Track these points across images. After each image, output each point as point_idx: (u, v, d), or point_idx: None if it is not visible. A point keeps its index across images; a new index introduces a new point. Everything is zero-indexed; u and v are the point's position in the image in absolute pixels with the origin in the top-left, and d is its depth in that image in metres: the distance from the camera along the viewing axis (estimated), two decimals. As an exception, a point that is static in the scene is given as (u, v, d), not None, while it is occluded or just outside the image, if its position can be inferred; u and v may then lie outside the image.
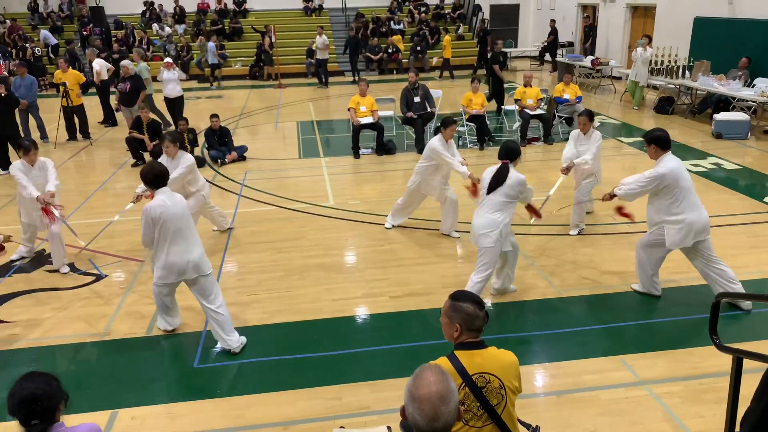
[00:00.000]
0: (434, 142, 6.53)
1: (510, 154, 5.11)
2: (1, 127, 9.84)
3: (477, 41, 20.67)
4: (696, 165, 9.38)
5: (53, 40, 20.29)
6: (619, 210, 5.66)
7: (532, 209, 5.72)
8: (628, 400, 4.15)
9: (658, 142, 5.08)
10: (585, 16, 19.93)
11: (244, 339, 4.91)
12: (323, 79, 18.73)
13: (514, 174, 5.03)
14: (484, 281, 5.21)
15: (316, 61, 18.92)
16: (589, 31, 19.67)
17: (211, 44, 18.99)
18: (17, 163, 6.18)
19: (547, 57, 20.83)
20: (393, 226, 7.24)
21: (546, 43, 20.64)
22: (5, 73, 15.06)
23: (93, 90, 13.44)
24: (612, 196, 5.44)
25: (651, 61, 13.49)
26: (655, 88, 14.69)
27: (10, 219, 7.62)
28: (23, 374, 2.45)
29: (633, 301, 5.49)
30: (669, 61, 13.58)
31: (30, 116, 11.78)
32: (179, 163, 6.31)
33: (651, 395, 4.18)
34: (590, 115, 6.84)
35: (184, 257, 4.60)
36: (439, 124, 6.80)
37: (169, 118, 12.44)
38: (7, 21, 20.99)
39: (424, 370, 2.02)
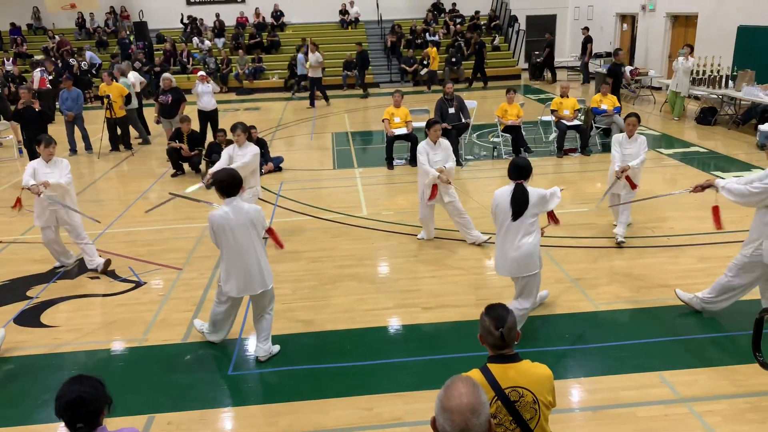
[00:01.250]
0: (420, 144, 6.80)
1: (523, 173, 4.67)
2: (33, 139, 10.16)
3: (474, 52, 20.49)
4: (741, 177, 9.09)
5: (97, 60, 20.98)
6: (716, 213, 5.09)
7: (552, 216, 5.13)
8: (667, 417, 4.04)
9: None
10: (583, 27, 19.73)
11: (275, 349, 4.94)
12: (313, 100, 17.26)
13: (533, 192, 4.66)
14: (533, 305, 5.07)
15: (309, 80, 17.33)
16: (586, 43, 19.52)
17: (300, 56, 19.40)
18: (34, 161, 6.36)
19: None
20: (424, 238, 7.21)
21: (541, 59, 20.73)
22: (49, 86, 15.60)
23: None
24: (705, 187, 4.87)
25: (693, 70, 13.20)
26: (696, 98, 14.35)
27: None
28: (71, 377, 2.50)
29: (672, 315, 5.34)
30: (711, 71, 13.26)
31: (76, 127, 12.21)
32: (246, 152, 6.72)
33: (692, 413, 4.06)
34: (638, 116, 6.75)
35: (245, 271, 4.58)
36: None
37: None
38: (56, 37, 21.82)
39: (455, 381, 2.00)
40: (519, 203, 4.62)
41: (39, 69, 15.98)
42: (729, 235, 6.49)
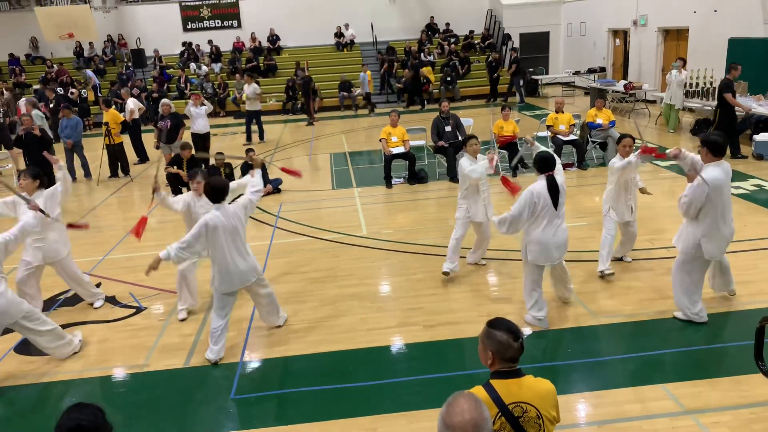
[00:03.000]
0: (462, 161, 6.48)
1: (551, 164, 5.19)
2: (36, 165, 10.25)
3: (508, 70, 20.76)
4: (737, 187, 9.13)
5: (96, 81, 21.20)
6: None
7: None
8: (673, 430, 4.01)
9: (709, 146, 4.95)
10: (511, 48, 20.00)
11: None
12: (261, 134, 15.74)
13: (560, 180, 5.18)
14: None
15: (247, 114, 15.50)
16: (496, 66, 19.87)
17: (363, 75, 19.64)
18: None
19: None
20: (451, 270, 6.57)
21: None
22: (22, 113, 15.68)
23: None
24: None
25: (686, 83, 13.32)
26: (690, 110, 14.45)
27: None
28: (71, 405, 2.49)
29: (674, 327, 5.33)
30: (704, 83, 13.38)
31: (75, 155, 12.26)
32: (204, 204, 5.90)
33: (698, 425, 4.03)
34: (633, 138, 6.64)
35: (239, 265, 5.06)
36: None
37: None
38: (55, 66, 22.01)
39: (457, 397, 2.00)
40: (557, 192, 5.11)
41: (23, 99, 16.10)
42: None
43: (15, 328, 5.10)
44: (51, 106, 16.59)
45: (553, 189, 5.10)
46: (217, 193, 5.01)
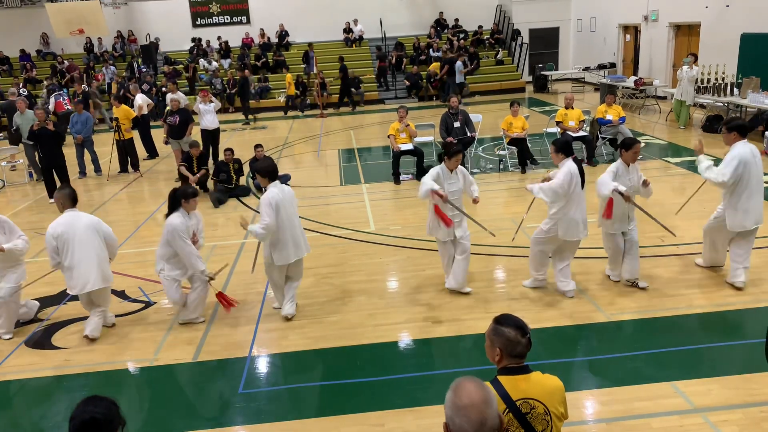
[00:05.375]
0: (430, 172, 5.81)
1: (572, 148, 5.68)
2: (50, 159, 10.38)
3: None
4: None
5: (109, 79, 21.32)
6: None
7: None
8: (683, 428, 3.99)
9: (736, 129, 5.51)
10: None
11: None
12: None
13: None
14: None
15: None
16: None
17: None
18: None
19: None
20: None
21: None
22: (68, 108, 15.74)
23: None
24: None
25: (697, 79, 13.21)
26: (702, 106, 14.34)
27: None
28: (85, 398, 2.50)
29: (684, 324, 5.30)
30: (716, 79, 13.26)
31: (85, 150, 12.34)
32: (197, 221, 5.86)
33: (707, 423, 4.01)
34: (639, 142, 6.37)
35: (295, 239, 5.54)
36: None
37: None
38: (65, 62, 22.15)
39: (461, 381, 2.08)
40: (582, 173, 5.55)
41: (54, 94, 16.18)
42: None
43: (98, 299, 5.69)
44: (78, 99, 16.56)
45: (582, 171, 5.54)
46: (274, 172, 5.54)
